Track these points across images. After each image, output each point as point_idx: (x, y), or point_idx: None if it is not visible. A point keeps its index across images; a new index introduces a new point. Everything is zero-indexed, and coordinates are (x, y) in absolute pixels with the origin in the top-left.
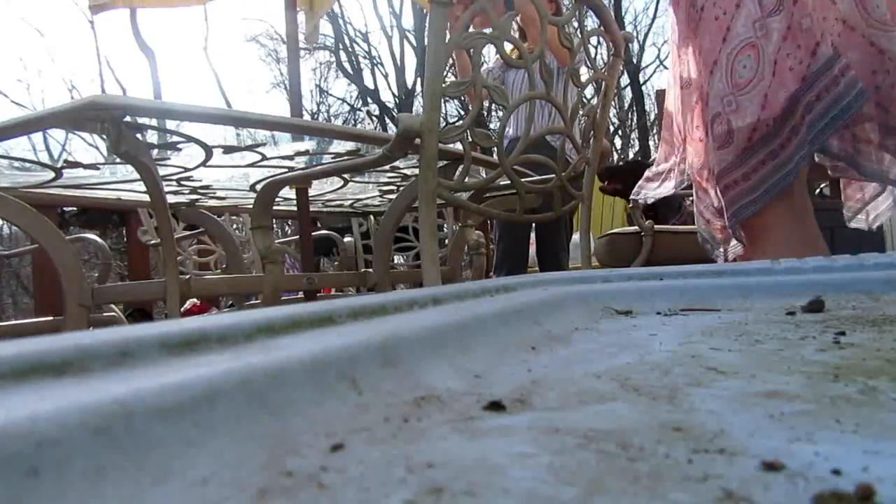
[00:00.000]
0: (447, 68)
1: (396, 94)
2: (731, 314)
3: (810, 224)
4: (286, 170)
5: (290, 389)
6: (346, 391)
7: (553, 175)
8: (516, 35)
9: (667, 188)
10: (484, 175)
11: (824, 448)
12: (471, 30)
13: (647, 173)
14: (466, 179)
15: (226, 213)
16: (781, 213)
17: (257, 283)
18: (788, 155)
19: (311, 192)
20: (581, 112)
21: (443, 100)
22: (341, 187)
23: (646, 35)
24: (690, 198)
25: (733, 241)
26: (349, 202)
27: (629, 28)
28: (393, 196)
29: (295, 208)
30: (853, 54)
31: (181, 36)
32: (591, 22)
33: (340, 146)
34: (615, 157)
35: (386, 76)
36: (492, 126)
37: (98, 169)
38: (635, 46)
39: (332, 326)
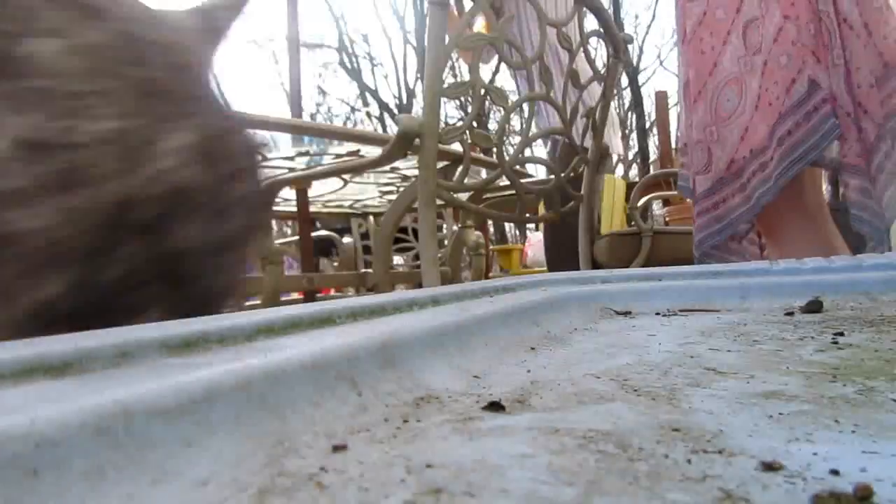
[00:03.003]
0: (447, 69)
1: (396, 94)
2: (729, 315)
3: (822, 222)
4: (286, 170)
5: (289, 390)
6: (346, 392)
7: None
8: None
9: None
10: (484, 176)
11: (823, 448)
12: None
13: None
14: (466, 180)
15: None
16: (792, 214)
17: (257, 283)
18: (752, 189)
19: (311, 192)
20: (580, 112)
21: (442, 100)
22: (341, 188)
23: (645, 36)
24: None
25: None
26: (349, 203)
27: (629, 29)
28: (392, 197)
29: (294, 209)
30: (854, 58)
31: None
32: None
33: (340, 147)
34: (615, 157)
35: (386, 76)
36: (491, 127)
37: None
38: (634, 48)
39: (332, 327)
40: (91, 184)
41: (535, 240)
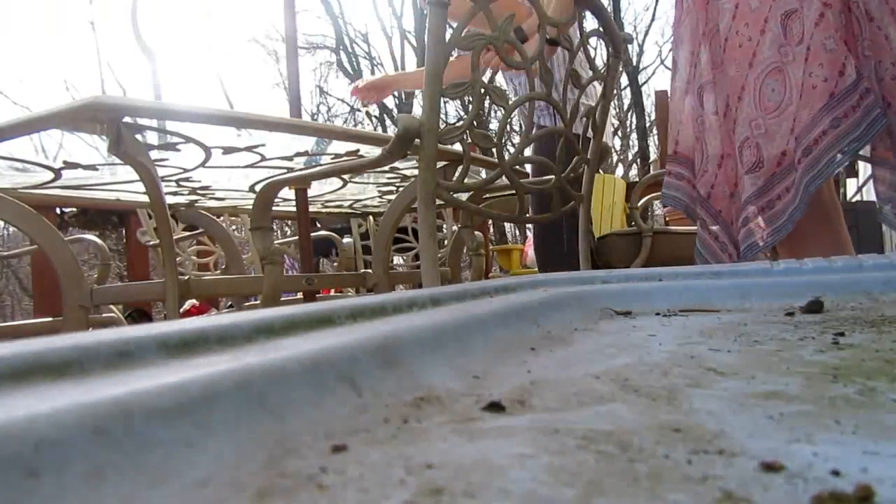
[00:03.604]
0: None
1: (396, 94)
2: (730, 315)
3: (838, 224)
4: (285, 170)
5: (289, 390)
6: (346, 392)
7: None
8: None
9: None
10: (483, 176)
11: (823, 449)
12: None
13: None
14: (466, 180)
15: (225, 214)
16: (810, 216)
17: (256, 283)
18: (799, 179)
19: (311, 192)
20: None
21: (442, 100)
22: (341, 188)
23: (645, 36)
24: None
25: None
26: (348, 203)
27: (628, 28)
28: (392, 197)
29: (294, 209)
30: (876, 51)
31: (182, 36)
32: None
33: (340, 147)
34: (615, 157)
35: None
36: (491, 126)
37: (97, 170)
38: (634, 47)
39: (332, 327)
40: None
41: None
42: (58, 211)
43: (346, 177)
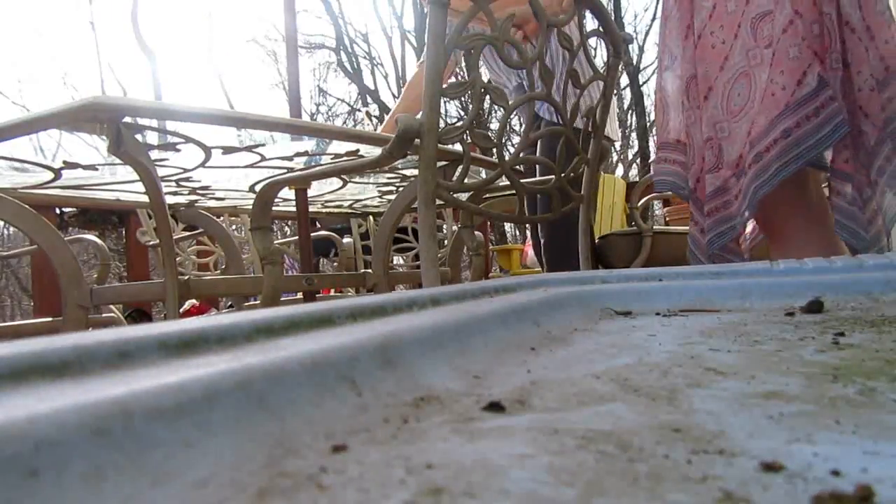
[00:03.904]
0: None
1: (396, 94)
2: (730, 315)
3: (826, 223)
4: (285, 171)
5: (289, 390)
6: (346, 392)
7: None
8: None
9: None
10: (483, 176)
11: (823, 449)
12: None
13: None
14: (466, 180)
15: (225, 214)
16: (796, 214)
17: (256, 283)
18: (748, 181)
19: (311, 192)
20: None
21: (442, 100)
22: (340, 188)
23: (645, 36)
24: None
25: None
26: (348, 203)
27: (628, 28)
28: (392, 197)
29: (294, 209)
30: (856, 61)
31: (182, 36)
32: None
33: (340, 147)
34: (615, 157)
35: (386, 76)
36: (491, 126)
37: (97, 169)
38: (635, 47)
39: (332, 327)
40: None
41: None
42: (57, 211)
43: (345, 177)
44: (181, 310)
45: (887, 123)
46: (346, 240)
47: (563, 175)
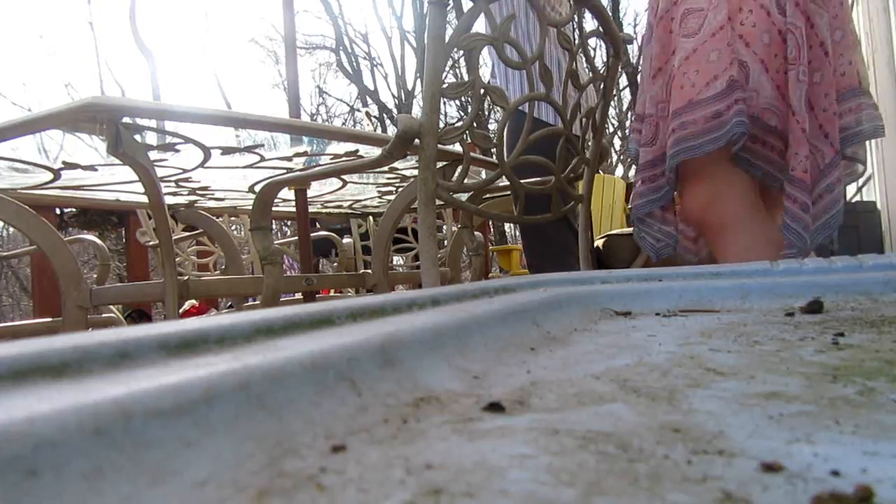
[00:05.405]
0: (447, 69)
1: (396, 94)
2: (729, 315)
3: (768, 219)
4: (285, 171)
5: (288, 390)
6: (346, 392)
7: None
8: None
9: None
10: (483, 176)
11: (823, 449)
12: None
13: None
14: (465, 180)
15: (224, 215)
16: (735, 210)
17: (256, 284)
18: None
19: (310, 193)
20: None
21: (442, 101)
22: (340, 188)
23: None
24: None
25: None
26: (348, 203)
27: (628, 29)
28: (392, 197)
29: (293, 209)
30: (825, 83)
31: (180, 36)
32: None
33: (339, 147)
34: (614, 157)
35: (386, 77)
36: (491, 127)
37: (97, 170)
38: (634, 48)
39: (331, 327)
40: None
41: None
42: (57, 211)
43: (345, 177)
44: (181, 310)
45: (844, 142)
46: (346, 240)
47: (562, 175)
